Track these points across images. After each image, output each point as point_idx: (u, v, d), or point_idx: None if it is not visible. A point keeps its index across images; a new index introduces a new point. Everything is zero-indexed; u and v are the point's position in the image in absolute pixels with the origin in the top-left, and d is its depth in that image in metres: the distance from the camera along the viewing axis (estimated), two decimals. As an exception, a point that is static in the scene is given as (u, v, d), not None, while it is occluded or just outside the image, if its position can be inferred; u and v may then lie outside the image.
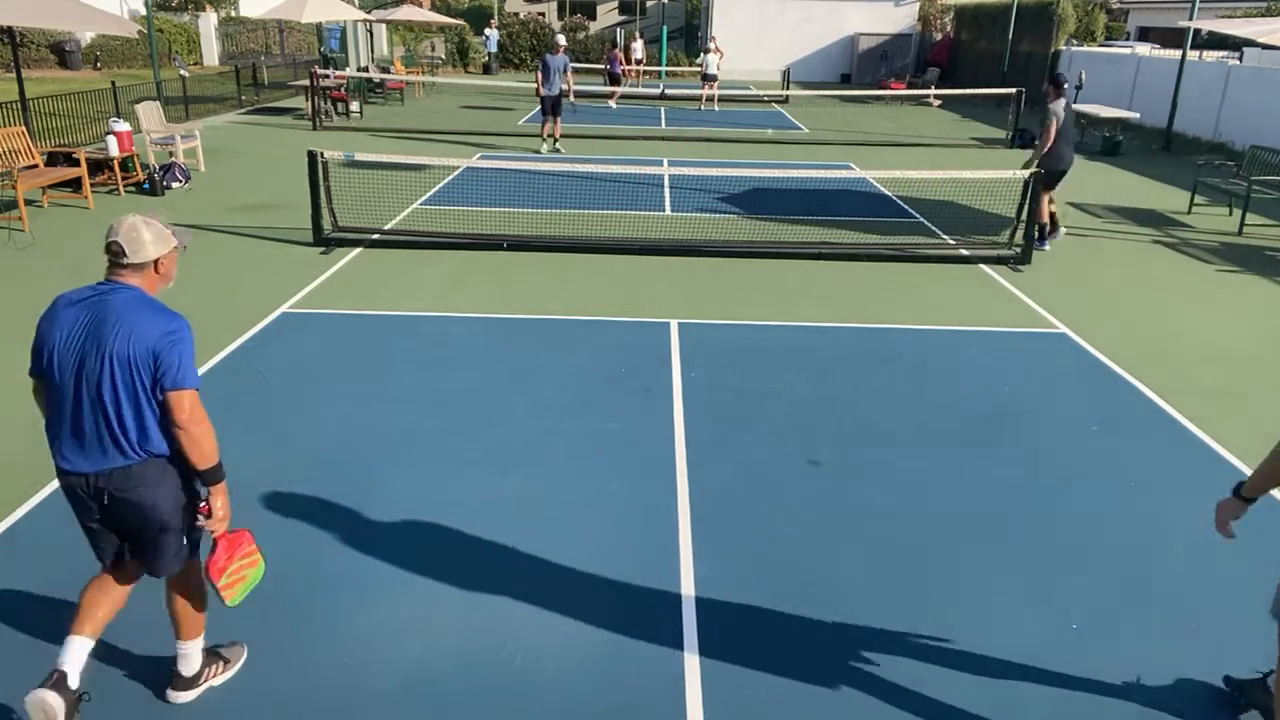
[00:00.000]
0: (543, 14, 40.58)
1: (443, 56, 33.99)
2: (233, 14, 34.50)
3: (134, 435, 2.89)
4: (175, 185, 12.06)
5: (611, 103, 24.28)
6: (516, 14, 39.44)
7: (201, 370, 6.15)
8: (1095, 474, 5.16)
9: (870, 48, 33.39)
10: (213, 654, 3.37)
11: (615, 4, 43.17)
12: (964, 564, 4.28)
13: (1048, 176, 9.63)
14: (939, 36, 33.18)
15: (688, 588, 4.03)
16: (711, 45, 24.79)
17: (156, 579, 3.18)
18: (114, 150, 11.48)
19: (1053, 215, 10.09)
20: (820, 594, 4.03)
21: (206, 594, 3.24)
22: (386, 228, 10.08)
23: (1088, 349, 7.09)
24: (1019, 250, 9.50)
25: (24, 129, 11.07)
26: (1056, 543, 4.47)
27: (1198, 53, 21.93)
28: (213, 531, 3.06)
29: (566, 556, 4.24)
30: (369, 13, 26.11)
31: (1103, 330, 7.49)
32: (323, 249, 9.23)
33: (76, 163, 10.94)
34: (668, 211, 11.63)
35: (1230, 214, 12.06)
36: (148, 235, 2.91)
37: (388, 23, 28.71)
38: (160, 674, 3.36)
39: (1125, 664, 3.64)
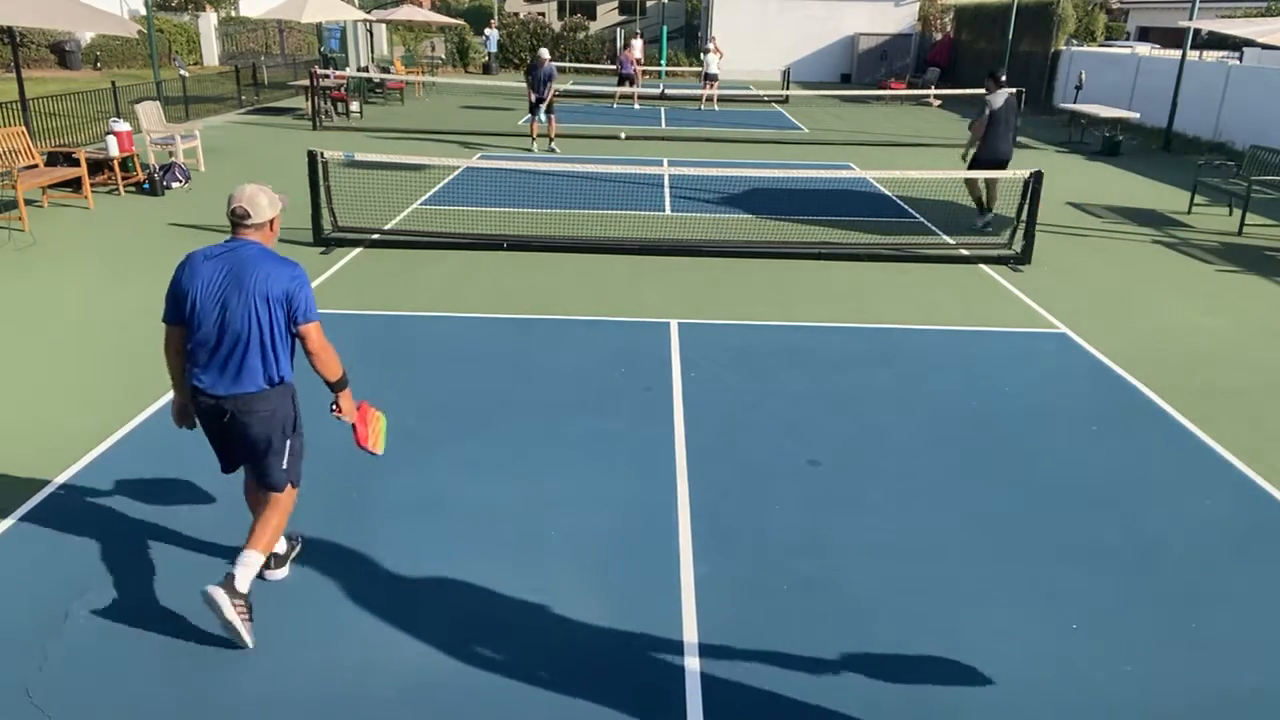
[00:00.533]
0: (543, 14, 40.55)
1: (443, 56, 33.99)
2: (233, 14, 34.50)
3: (264, 365, 3.49)
4: (175, 185, 12.06)
5: (635, 104, 24.50)
6: (516, 14, 39.42)
7: (201, 370, 6.16)
8: (1095, 474, 5.16)
9: (870, 48, 33.39)
10: (242, 600, 3.53)
11: (615, 4, 43.16)
12: (963, 564, 4.28)
13: (980, 164, 10.30)
14: (939, 36, 33.17)
15: (688, 588, 4.03)
16: (711, 45, 24.80)
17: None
18: (114, 150, 11.47)
19: (983, 199, 10.75)
20: (820, 594, 4.03)
21: (285, 526, 3.78)
22: (386, 228, 10.08)
23: (1088, 349, 7.09)
24: (1019, 250, 9.50)
25: (24, 129, 11.06)
26: (1056, 543, 4.47)
27: (1198, 53, 21.94)
28: (347, 420, 3.81)
29: (566, 556, 4.24)
30: (369, 13, 26.11)
31: (1103, 330, 7.49)
32: (323, 249, 9.23)
33: (76, 163, 10.94)
34: (668, 211, 11.63)
35: (1230, 214, 12.06)
36: (264, 200, 3.55)
37: (388, 23, 28.71)
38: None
39: (1125, 664, 3.64)
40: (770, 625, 3.82)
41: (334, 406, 3.77)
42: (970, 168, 10.34)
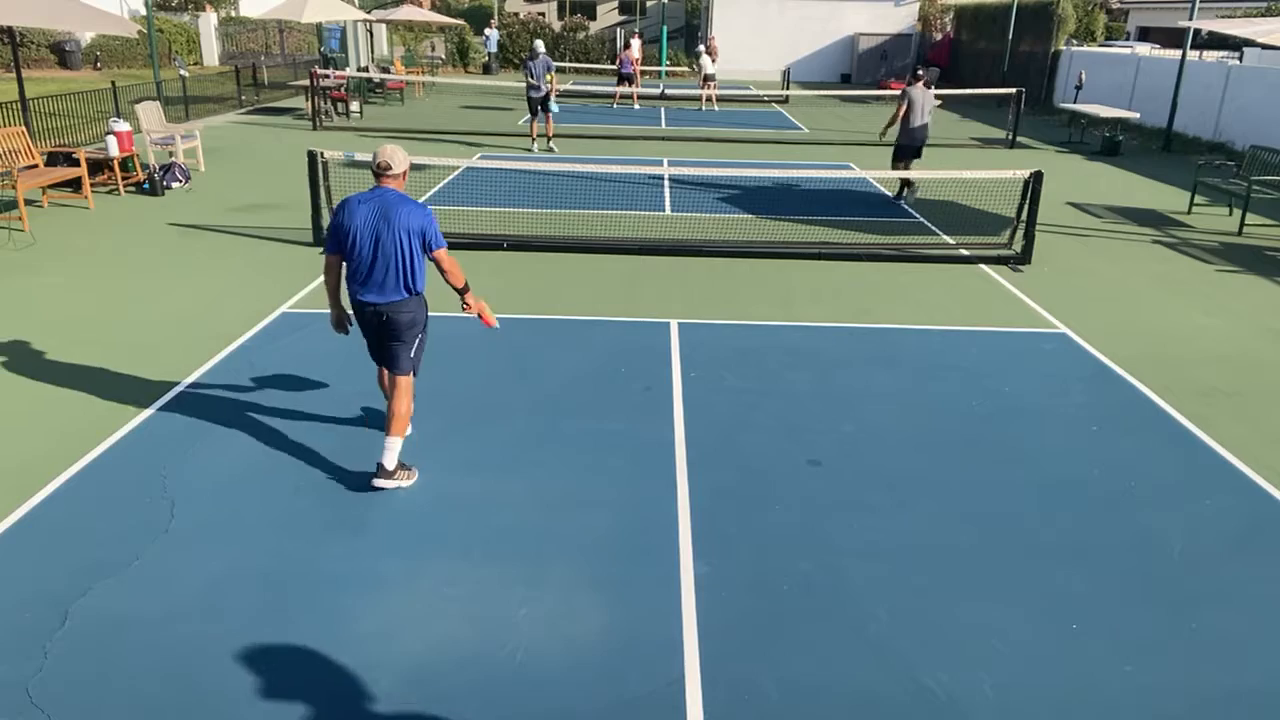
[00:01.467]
0: (543, 14, 40.55)
1: (443, 56, 33.97)
2: (233, 14, 34.50)
3: (407, 280, 4.60)
4: (175, 185, 12.07)
5: (635, 104, 24.50)
6: (516, 14, 39.40)
7: (202, 369, 6.17)
8: (1095, 474, 5.16)
9: (870, 48, 33.38)
10: (403, 466, 4.78)
11: (615, 4, 43.16)
12: (963, 564, 4.28)
13: (901, 149, 12.01)
14: (939, 36, 33.17)
15: (688, 587, 4.03)
16: (702, 49, 24.83)
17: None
18: (114, 150, 11.47)
19: (909, 181, 12.08)
20: (820, 594, 4.03)
21: (411, 408, 4.81)
22: (386, 228, 10.07)
23: (1088, 349, 7.09)
24: (1019, 250, 9.50)
25: (24, 129, 11.07)
26: (1056, 543, 4.47)
27: (1198, 53, 21.94)
28: (473, 313, 5.00)
29: (567, 556, 4.24)
30: (369, 13, 26.11)
31: (1103, 330, 7.49)
32: (323, 249, 9.22)
33: (76, 163, 10.95)
34: (668, 211, 11.63)
35: (1230, 214, 12.06)
36: (400, 156, 4.65)
37: (388, 23, 28.71)
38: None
39: (1125, 664, 3.64)
40: (770, 625, 3.82)
41: (464, 305, 4.94)
42: (894, 151, 12.23)
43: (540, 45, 15.60)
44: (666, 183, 13.32)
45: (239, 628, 3.68)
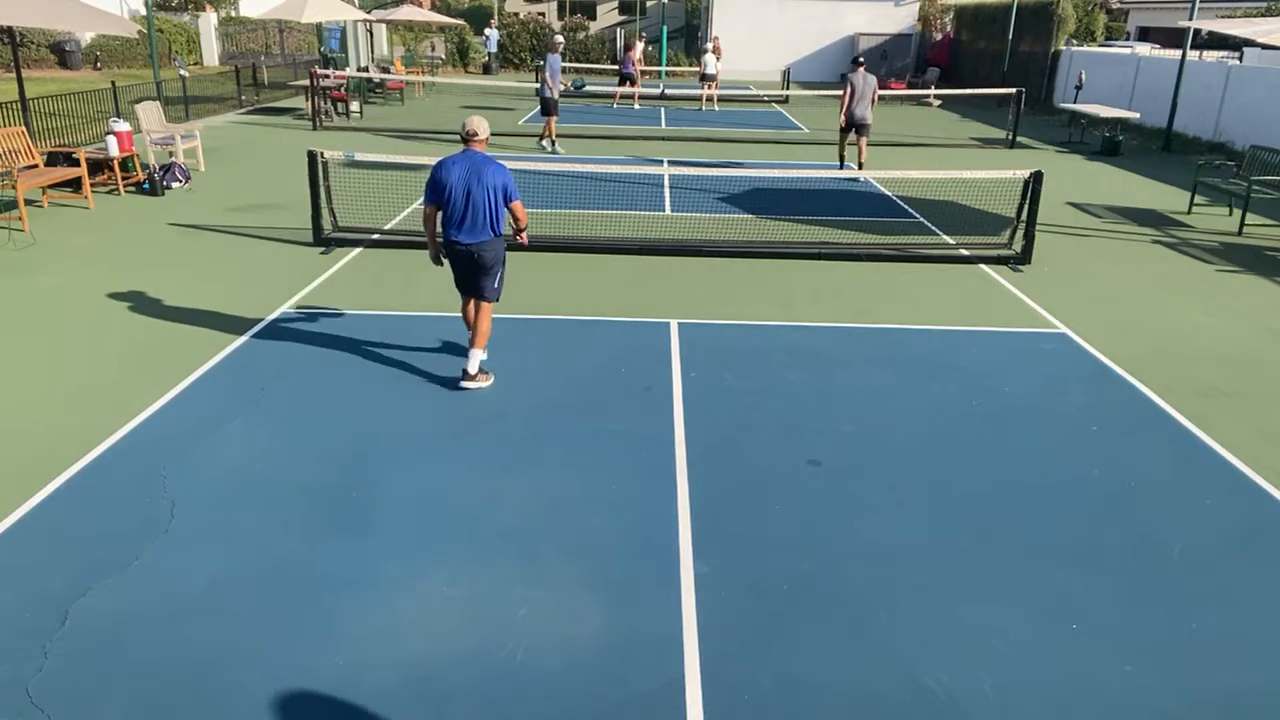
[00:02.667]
0: (543, 14, 40.55)
1: (443, 56, 33.96)
2: (233, 14, 34.49)
3: (491, 224, 5.74)
4: (175, 185, 12.07)
5: (635, 104, 24.50)
6: (516, 14, 39.40)
7: (202, 369, 6.17)
8: (1095, 474, 5.16)
9: (870, 48, 33.35)
10: (483, 371, 6.03)
11: (615, 4, 43.15)
12: (963, 564, 4.28)
13: (848, 126, 14.04)
14: (939, 36, 33.16)
15: (688, 587, 4.03)
16: (708, 46, 24.77)
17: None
18: (114, 150, 11.47)
19: (843, 155, 14.28)
20: (820, 594, 4.03)
21: (491, 328, 6.04)
22: (386, 228, 10.09)
23: (1088, 349, 7.09)
24: (1019, 250, 9.50)
25: (24, 129, 11.06)
26: (1056, 543, 4.47)
27: (1198, 53, 21.93)
28: (524, 241, 6.20)
29: (567, 556, 4.24)
30: (369, 13, 26.10)
31: (1103, 330, 7.49)
32: (323, 249, 9.23)
33: (76, 163, 10.95)
34: (668, 211, 11.63)
35: (1230, 214, 12.06)
36: (484, 125, 5.83)
37: (388, 23, 28.70)
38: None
39: (1125, 664, 3.64)
40: (770, 625, 3.82)
41: (519, 236, 6.11)
42: (842, 129, 14.19)
43: (560, 39, 16.04)
44: (666, 183, 13.32)
45: (239, 628, 3.68)
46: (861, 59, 14.59)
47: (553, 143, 15.97)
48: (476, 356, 5.99)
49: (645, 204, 11.92)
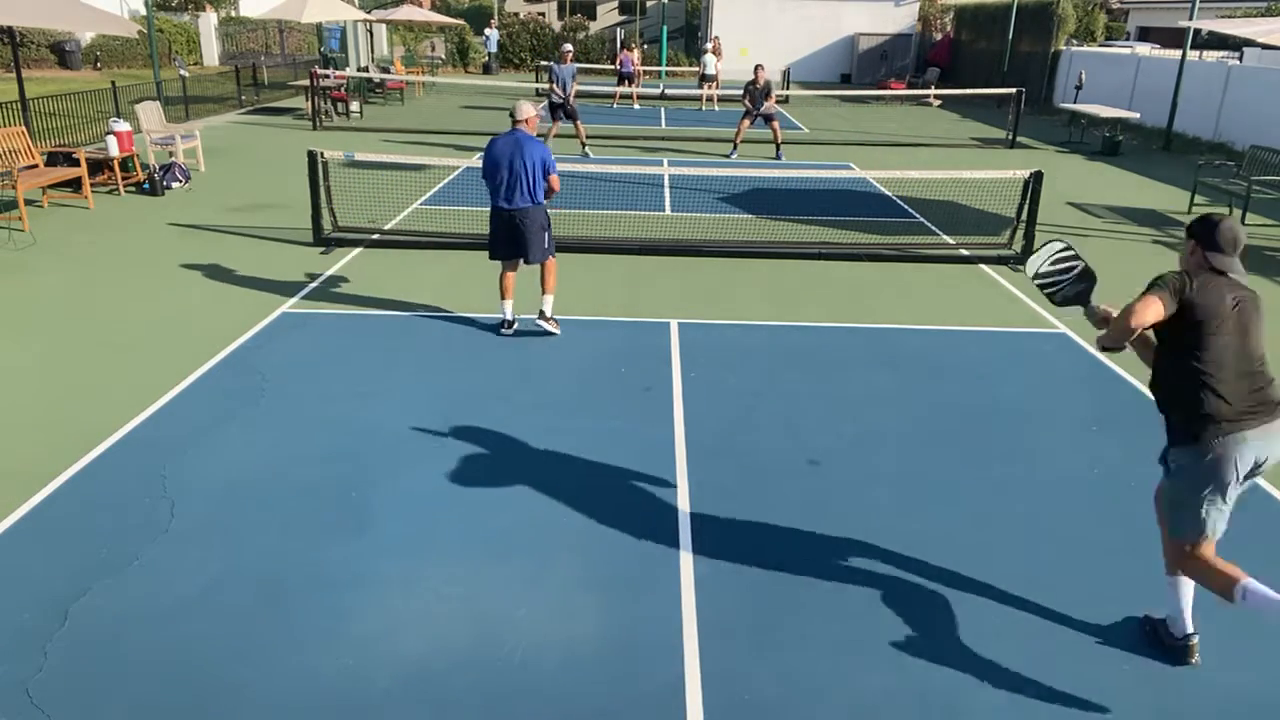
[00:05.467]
0: (543, 14, 40.54)
1: (443, 56, 33.97)
2: (233, 14, 34.50)
3: (533, 193, 6.60)
4: (175, 185, 12.07)
5: (635, 104, 24.51)
6: (516, 14, 39.40)
7: (202, 369, 6.17)
8: (1095, 474, 5.16)
9: (870, 48, 33.37)
10: (550, 318, 6.96)
11: (615, 4, 43.15)
12: (963, 564, 4.28)
13: (748, 115, 15.78)
14: (939, 36, 33.17)
15: (688, 587, 4.03)
16: (708, 47, 24.78)
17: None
18: (114, 150, 11.48)
19: (738, 139, 15.99)
20: (819, 594, 4.03)
21: (555, 282, 6.97)
22: (386, 228, 10.09)
23: (1088, 349, 7.09)
24: (1019, 250, 9.50)
25: (24, 129, 11.07)
26: (1056, 543, 4.47)
27: (1198, 53, 21.94)
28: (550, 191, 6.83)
29: (567, 555, 4.24)
30: (369, 13, 26.11)
31: (1103, 330, 7.48)
32: (323, 249, 9.23)
33: (76, 163, 10.95)
34: (668, 211, 11.63)
35: (1230, 214, 12.02)
36: (530, 108, 6.67)
37: (388, 23, 28.70)
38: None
39: (1127, 666, 3.64)
40: (770, 625, 3.82)
41: (547, 193, 6.74)
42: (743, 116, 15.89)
43: (569, 47, 16.11)
44: (666, 183, 13.32)
45: (239, 628, 3.68)
46: (761, 66, 16.15)
47: (583, 145, 15.85)
48: (549, 302, 6.93)
49: (645, 204, 11.92)
